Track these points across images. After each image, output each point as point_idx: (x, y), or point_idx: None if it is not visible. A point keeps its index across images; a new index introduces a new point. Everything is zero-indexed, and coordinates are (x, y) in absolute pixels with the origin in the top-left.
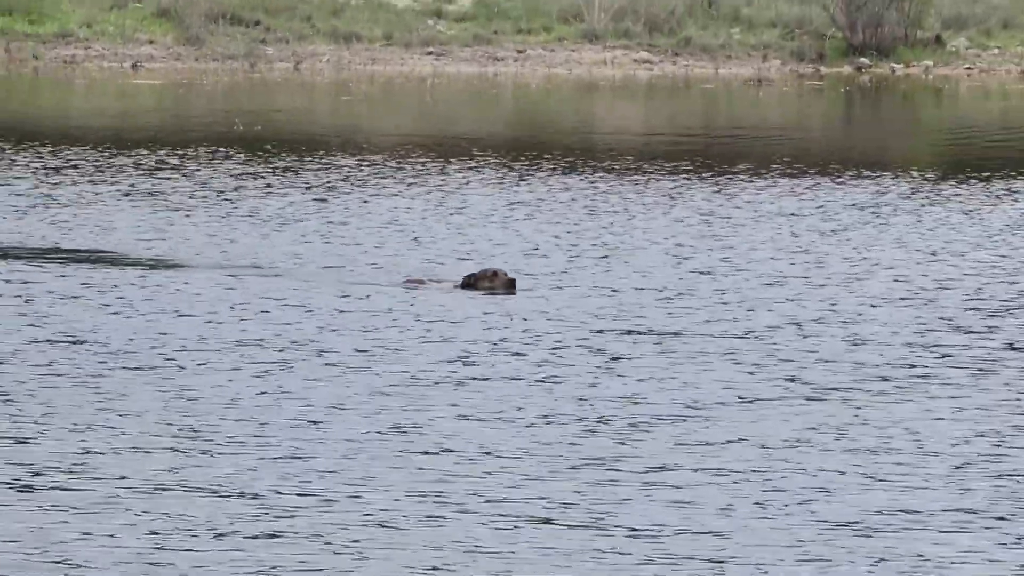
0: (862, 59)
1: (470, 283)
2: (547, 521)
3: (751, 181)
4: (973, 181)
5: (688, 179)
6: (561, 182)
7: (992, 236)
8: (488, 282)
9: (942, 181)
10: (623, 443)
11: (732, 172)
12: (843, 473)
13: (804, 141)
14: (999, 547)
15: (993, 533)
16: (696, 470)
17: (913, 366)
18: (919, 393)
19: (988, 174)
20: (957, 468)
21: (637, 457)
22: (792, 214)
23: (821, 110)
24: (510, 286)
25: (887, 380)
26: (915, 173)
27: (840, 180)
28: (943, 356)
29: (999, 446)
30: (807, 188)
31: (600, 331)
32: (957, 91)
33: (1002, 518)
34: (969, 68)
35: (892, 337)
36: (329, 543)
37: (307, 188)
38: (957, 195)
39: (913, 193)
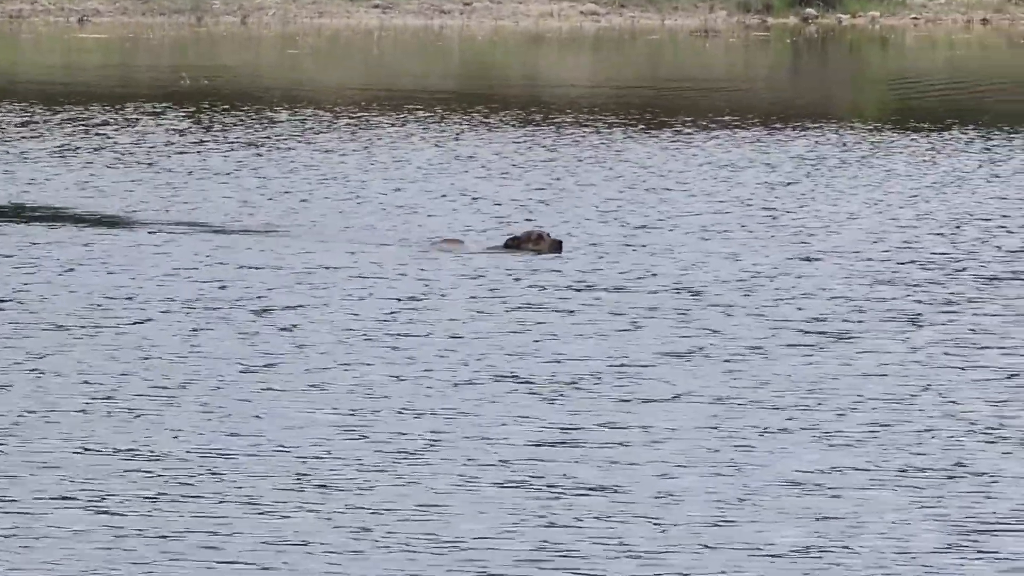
0: (808, 10)
1: (514, 245)
2: (475, 479)
3: (696, 133)
4: (918, 132)
5: (633, 131)
6: (507, 135)
7: (934, 188)
8: (533, 244)
9: (887, 132)
10: (553, 401)
11: (677, 124)
12: (768, 431)
13: (750, 92)
14: (919, 505)
15: (913, 491)
16: (625, 427)
17: (847, 320)
18: (849, 348)
19: (933, 125)
20: (881, 426)
21: (566, 415)
22: (735, 166)
23: (767, 61)
24: (556, 247)
25: (821, 334)
26: (860, 124)
27: (785, 132)
28: (879, 310)
29: (920, 402)
30: (752, 140)
31: (542, 287)
32: (903, 41)
33: (921, 474)
34: (915, 18)
35: (831, 290)
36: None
37: (250, 143)
38: (902, 146)
39: (857, 144)
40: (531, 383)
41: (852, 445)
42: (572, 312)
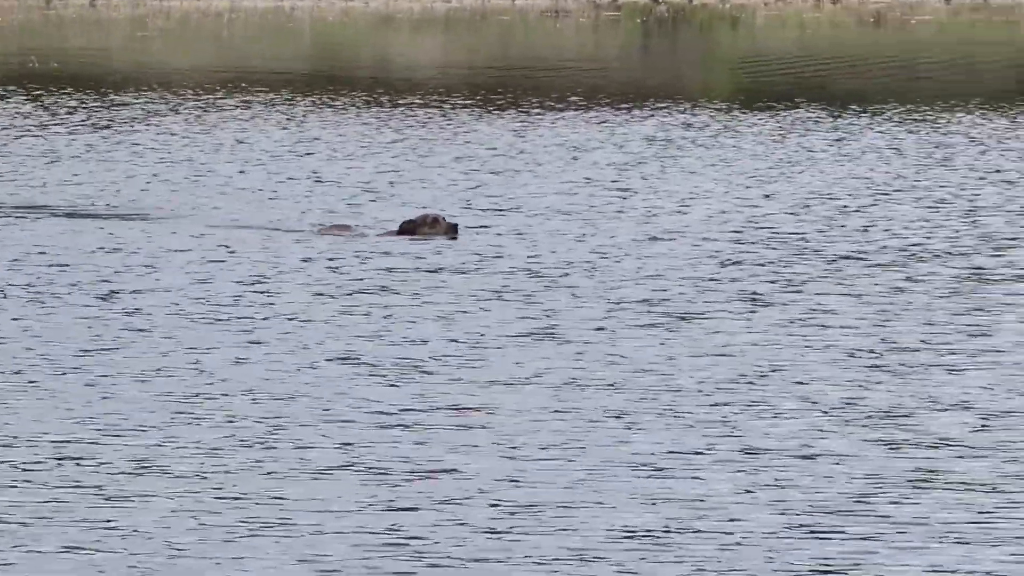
0: None
1: (409, 229)
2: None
3: (545, 114)
4: (767, 112)
5: (482, 112)
6: (357, 117)
7: (782, 167)
8: (429, 228)
9: (736, 112)
10: (398, 384)
11: (527, 105)
12: (614, 412)
13: (600, 73)
14: (763, 486)
15: (756, 473)
16: (440, 408)
17: (693, 301)
18: (695, 328)
19: (782, 104)
20: (726, 407)
21: (410, 397)
22: (584, 146)
23: (617, 41)
24: (452, 231)
25: (668, 315)
26: (710, 104)
27: (635, 112)
28: (725, 290)
29: (765, 383)
30: (601, 120)
31: (389, 269)
32: (753, 21)
33: (765, 455)
34: None
35: (678, 271)
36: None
37: (99, 125)
38: (750, 126)
39: (707, 124)
40: (374, 366)
41: (697, 426)
42: (418, 295)
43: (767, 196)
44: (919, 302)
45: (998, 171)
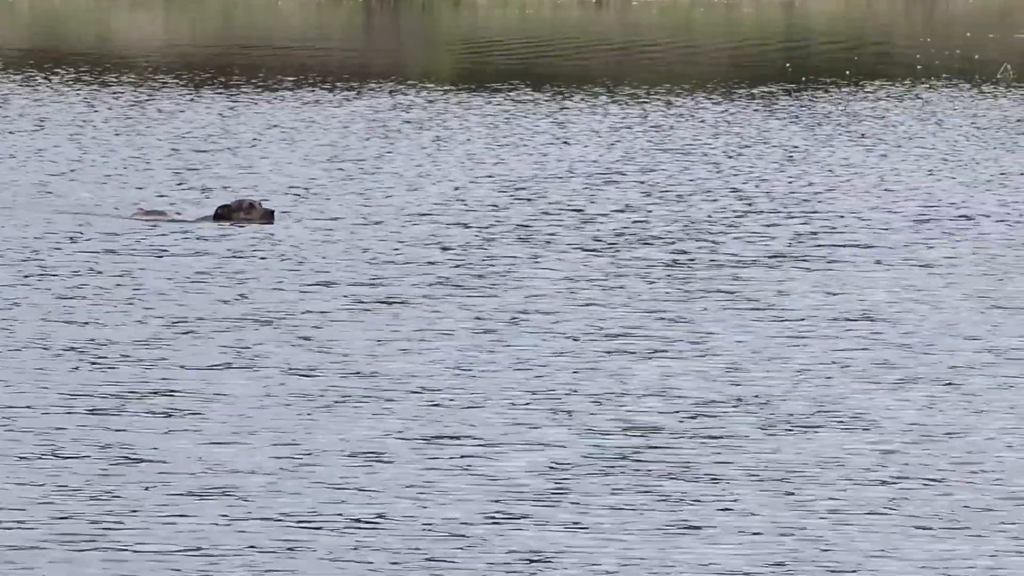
0: None
1: (225, 215)
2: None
3: (262, 93)
4: (489, 93)
5: (199, 92)
6: (77, 94)
7: (502, 150)
8: (244, 214)
9: (458, 93)
10: (105, 368)
11: (245, 84)
12: (331, 399)
13: (323, 52)
14: (465, 471)
15: (464, 459)
16: (175, 394)
17: (401, 285)
18: (410, 312)
19: (505, 86)
20: (435, 393)
21: (116, 385)
22: (301, 128)
23: (340, 21)
24: (268, 217)
25: (379, 301)
26: (432, 85)
27: (355, 93)
28: (437, 274)
29: (476, 369)
30: (320, 101)
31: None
32: (476, 1)
33: (474, 443)
34: None
35: (391, 255)
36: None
37: None
38: (472, 108)
39: (426, 105)
40: (79, 351)
41: (408, 415)
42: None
43: (484, 179)
44: (630, 286)
45: (705, 154)
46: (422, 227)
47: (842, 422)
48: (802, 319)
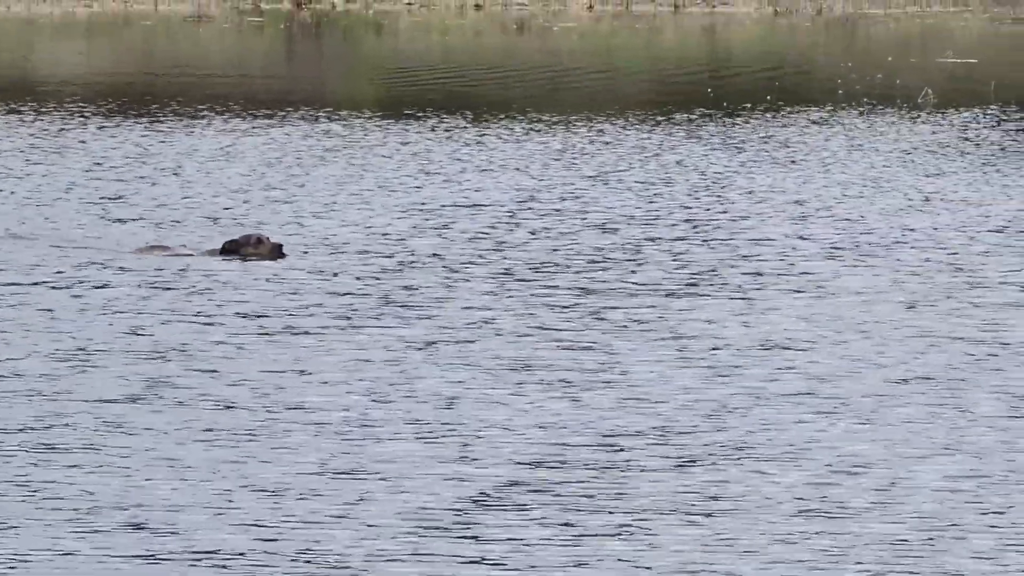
0: None
1: (233, 249)
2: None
3: (186, 120)
4: (411, 120)
5: (123, 120)
6: None
7: (422, 177)
8: (253, 248)
9: (379, 120)
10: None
11: (165, 113)
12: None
13: (243, 79)
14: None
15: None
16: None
17: (313, 315)
18: (293, 347)
19: (426, 113)
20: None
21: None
22: (217, 156)
23: (262, 47)
24: (277, 252)
25: (266, 334)
26: (354, 112)
27: (277, 119)
28: (345, 304)
29: (366, 396)
30: (246, 128)
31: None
32: (397, 27)
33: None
34: (410, 3)
35: (295, 286)
36: None
37: None
38: (393, 135)
39: (344, 134)
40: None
41: (317, 447)
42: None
43: (402, 207)
44: (545, 315)
45: (624, 181)
46: (338, 256)
47: (758, 452)
48: (718, 348)
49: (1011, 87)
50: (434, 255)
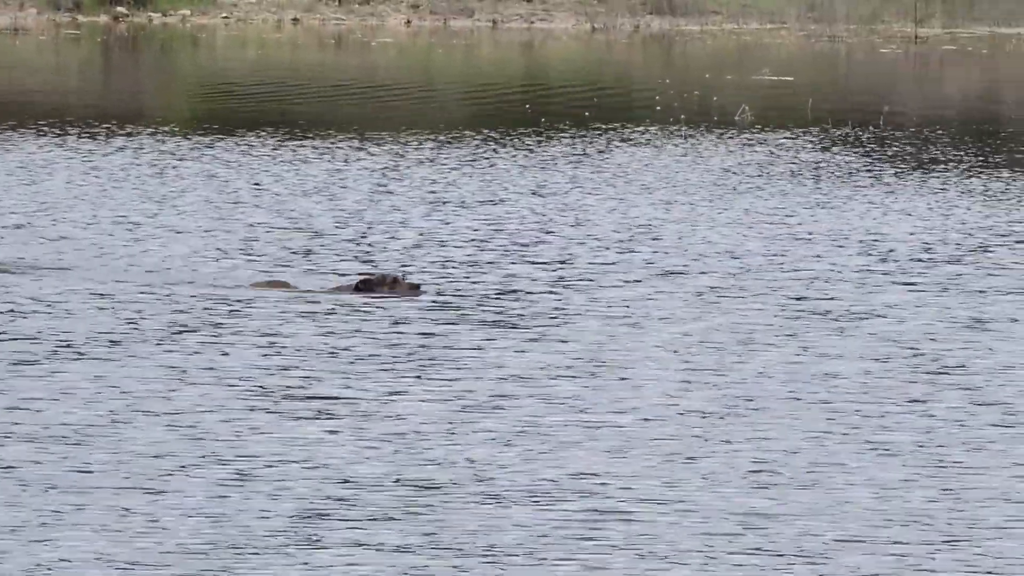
0: (119, 8)
1: (366, 287)
2: None
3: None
4: (227, 137)
5: None
6: None
7: (233, 195)
8: (389, 288)
9: (197, 137)
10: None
11: None
12: None
13: (59, 93)
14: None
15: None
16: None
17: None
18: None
19: (239, 128)
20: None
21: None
22: (26, 171)
23: (78, 61)
24: (414, 291)
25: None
26: (172, 127)
27: (91, 135)
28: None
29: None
30: (53, 144)
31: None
32: (215, 40)
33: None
34: (226, 17)
35: (107, 308)
36: None
37: None
38: (209, 153)
39: (160, 151)
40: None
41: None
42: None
43: (216, 228)
44: (331, 340)
45: (441, 198)
46: (151, 276)
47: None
48: (514, 376)
49: (827, 104)
50: (243, 269)
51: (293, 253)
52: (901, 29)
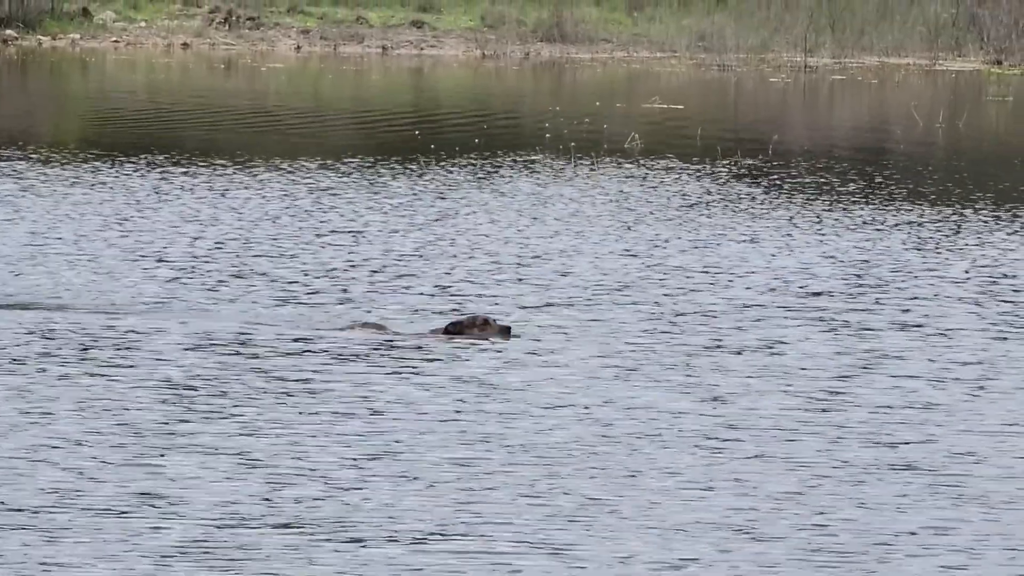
0: (8, 31)
1: (456, 331)
2: None
3: None
4: (111, 161)
5: None
6: None
7: (131, 223)
8: (479, 330)
9: (85, 163)
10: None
11: None
12: None
13: None
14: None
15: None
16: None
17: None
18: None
19: (128, 154)
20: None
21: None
22: None
23: None
24: (505, 333)
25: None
26: (65, 153)
27: None
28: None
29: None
30: None
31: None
32: (104, 65)
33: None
34: (116, 41)
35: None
36: None
37: None
38: (99, 179)
39: (49, 176)
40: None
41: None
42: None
43: (101, 254)
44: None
45: (334, 227)
46: (24, 311)
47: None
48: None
49: (716, 133)
50: (137, 299)
51: (167, 283)
52: (791, 59)
